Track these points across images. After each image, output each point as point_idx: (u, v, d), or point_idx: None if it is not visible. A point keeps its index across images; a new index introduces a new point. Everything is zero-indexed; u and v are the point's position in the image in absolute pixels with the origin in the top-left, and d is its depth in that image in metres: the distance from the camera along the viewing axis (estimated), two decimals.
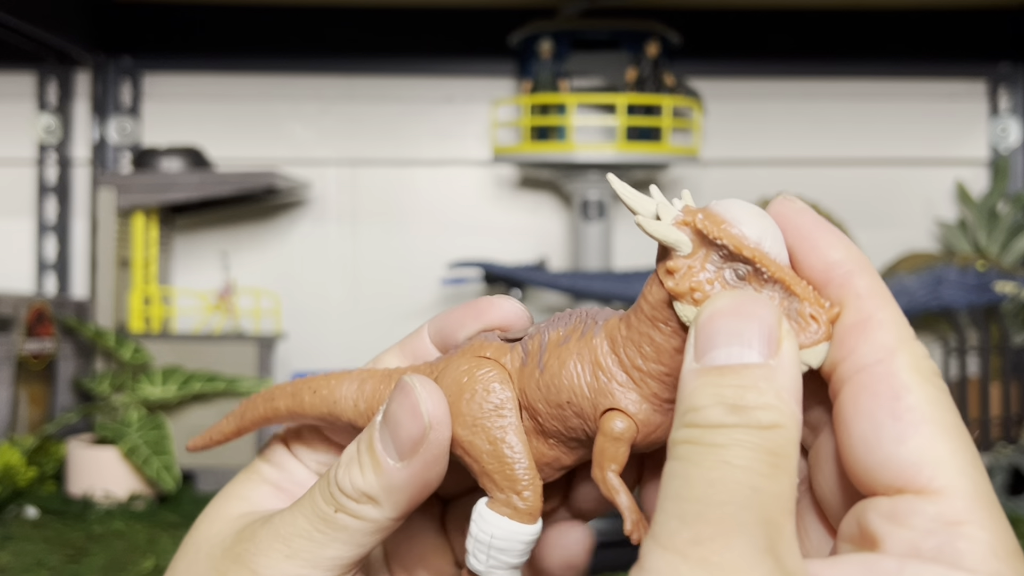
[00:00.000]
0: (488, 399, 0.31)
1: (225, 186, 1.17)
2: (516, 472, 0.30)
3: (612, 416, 0.29)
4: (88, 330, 1.10)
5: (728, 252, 0.27)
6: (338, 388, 0.34)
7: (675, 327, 0.28)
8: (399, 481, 0.31)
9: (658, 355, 0.29)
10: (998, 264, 1.21)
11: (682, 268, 0.27)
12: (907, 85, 1.38)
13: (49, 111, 1.32)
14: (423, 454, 0.30)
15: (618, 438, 0.29)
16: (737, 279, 0.27)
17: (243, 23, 1.33)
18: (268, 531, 0.32)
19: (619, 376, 0.29)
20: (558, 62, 1.24)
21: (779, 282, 0.27)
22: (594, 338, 0.30)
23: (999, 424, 1.12)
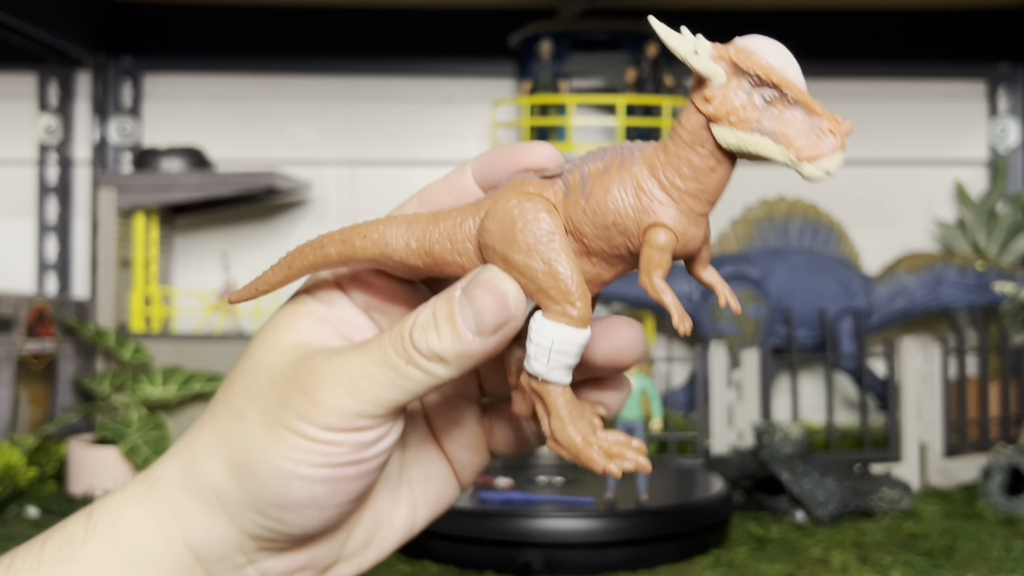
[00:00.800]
0: (539, 226, 0.35)
1: (225, 186, 1.17)
2: (569, 286, 0.34)
3: (656, 230, 0.34)
4: (89, 330, 1.10)
5: (758, 80, 0.32)
6: (387, 231, 0.38)
7: (711, 149, 0.33)
8: (473, 351, 0.36)
9: (695, 174, 0.34)
10: (997, 264, 1.21)
11: (718, 96, 0.32)
12: (906, 85, 1.38)
13: (50, 111, 1.32)
14: (501, 335, 0.36)
15: (663, 248, 0.33)
16: (765, 103, 0.32)
17: (243, 24, 1.33)
18: (332, 368, 0.36)
19: (660, 196, 0.34)
20: (558, 63, 1.24)
21: (801, 103, 0.33)
22: (634, 166, 0.34)
23: (998, 424, 1.12)
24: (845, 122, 0.33)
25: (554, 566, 0.78)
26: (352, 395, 0.36)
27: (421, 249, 0.37)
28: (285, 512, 0.38)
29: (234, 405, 0.38)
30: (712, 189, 0.34)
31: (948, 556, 0.82)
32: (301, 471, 0.37)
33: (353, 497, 0.38)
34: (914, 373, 1.05)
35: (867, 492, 0.94)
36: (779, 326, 1.23)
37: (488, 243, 0.36)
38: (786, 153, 0.33)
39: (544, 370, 0.35)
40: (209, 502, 0.38)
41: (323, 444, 0.36)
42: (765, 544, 0.85)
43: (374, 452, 0.37)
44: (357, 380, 0.36)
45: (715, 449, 1.07)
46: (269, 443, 0.37)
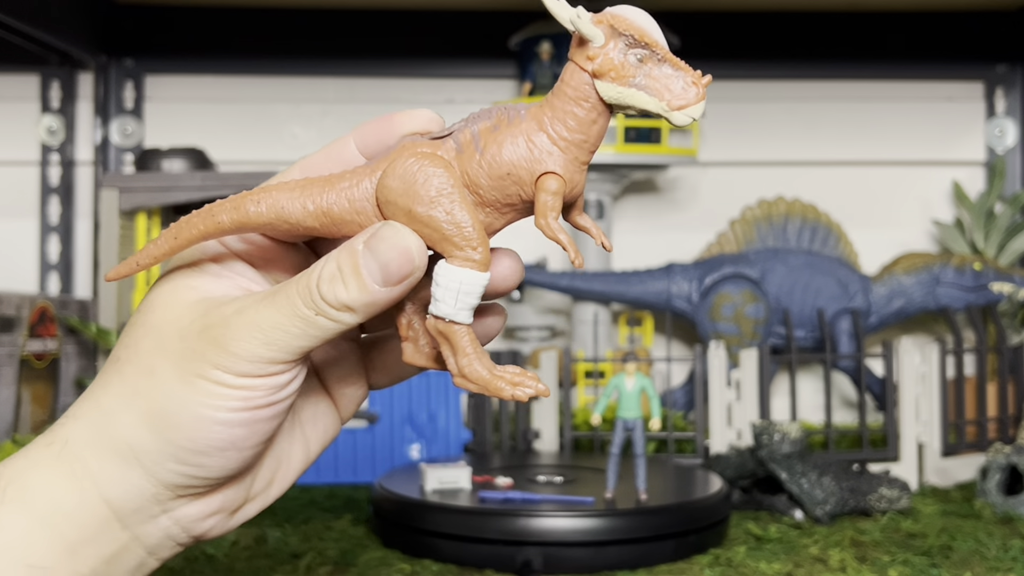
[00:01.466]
0: (439, 180, 0.38)
1: (227, 187, 1.18)
2: (472, 233, 0.38)
3: (548, 177, 0.38)
4: (91, 330, 1.10)
5: (633, 40, 0.37)
6: (280, 196, 0.40)
7: (594, 102, 0.38)
8: (379, 300, 0.39)
9: (580, 126, 0.38)
10: (995, 264, 1.22)
11: (600, 55, 0.37)
12: (905, 87, 1.39)
13: (52, 113, 1.33)
14: (405, 285, 0.39)
15: (556, 192, 0.38)
16: (638, 61, 0.37)
17: (245, 26, 1.34)
18: (245, 320, 0.39)
19: (549, 147, 0.38)
20: (558, 64, 1.24)
21: (668, 60, 0.37)
22: (523, 122, 0.38)
23: (996, 423, 1.13)
24: (705, 76, 0.37)
25: (554, 565, 0.78)
26: (265, 345, 0.39)
27: (318, 210, 0.40)
28: (205, 457, 0.40)
29: (142, 361, 0.40)
30: (594, 139, 0.38)
31: (946, 555, 0.82)
32: (221, 416, 0.39)
33: (267, 437, 0.41)
34: (912, 373, 1.06)
35: (865, 491, 0.94)
36: (778, 326, 1.23)
37: (390, 199, 0.39)
38: (659, 104, 0.37)
39: (452, 311, 0.38)
40: (124, 456, 0.40)
41: (240, 389, 0.39)
42: (764, 543, 0.86)
43: (286, 393, 0.40)
44: (269, 331, 0.39)
45: (714, 448, 1.07)
46: (187, 393, 0.39)
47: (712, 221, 1.32)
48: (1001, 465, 0.97)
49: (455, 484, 0.87)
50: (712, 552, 0.83)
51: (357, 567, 0.79)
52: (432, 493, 0.85)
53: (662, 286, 1.24)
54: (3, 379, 1.04)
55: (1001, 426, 1.12)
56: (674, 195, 1.38)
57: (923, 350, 1.07)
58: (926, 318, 1.33)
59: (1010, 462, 0.97)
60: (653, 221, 1.38)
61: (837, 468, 0.95)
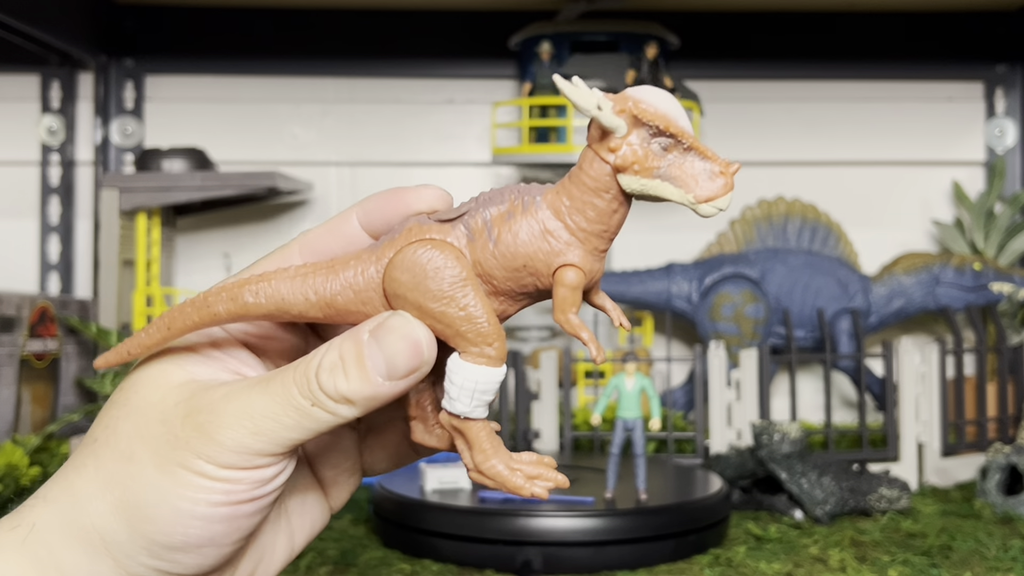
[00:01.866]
0: (451, 272, 0.36)
1: (227, 187, 1.18)
2: (487, 329, 0.36)
3: (566, 270, 0.36)
4: (91, 330, 1.10)
5: (657, 130, 0.35)
6: (280, 285, 0.38)
7: (615, 194, 0.36)
8: (382, 394, 0.36)
9: (599, 217, 0.36)
10: (995, 264, 1.22)
11: (623, 147, 0.35)
12: (905, 87, 1.39)
13: (52, 113, 1.33)
14: (411, 380, 0.37)
15: (575, 286, 0.36)
16: (662, 150, 0.35)
17: (245, 26, 1.34)
18: (233, 408, 0.36)
19: (567, 238, 0.36)
20: (558, 64, 1.24)
21: (693, 148, 0.35)
22: (538, 211, 0.36)
23: (995, 423, 1.13)
24: (733, 164, 0.36)
25: (553, 565, 0.78)
26: (254, 435, 0.36)
27: (322, 301, 0.38)
28: (180, 553, 0.37)
29: (119, 445, 0.37)
30: (614, 228, 0.37)
31: (946, 555, 0.82)
32: (200, 510, 0.36)
33: (247, 533, 0.38)
34: (912, 373, 1.06)
35: (865, 491, 0.94)
36: (778, 326, 1.23)
37: (398, 292, 0.37)
38: (684, 195, 0.35)
39: (467, 410, 0.37)
40: (94, 546, 0.37)
41: (223, 482, 0.36)
42: (763, 543, 0.86)
43: (271, 488, 0.38)
44: (259, 420, 0.36)
45: (714, 448, 1.08)
46: (164, 483, 0.36)
47: (712, 221, 1.32)
48: (1001, 465, 0.97)
49: (455, 484, 0.87)
50: (712, 552, 0.83)
51: (357, 567, 0.79)
52: (432, 493, 0.85)
53: (662, 286, 1.24)
54: (3, 379, 1.04)
55: (1001, 426, 1.12)
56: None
57: (923, 350, 1.07)
58: (926, 318, 1.33)
59: (1010, 462, 0.97)
60: (653, 221, 1.37)
61: (837, 468, 0.95)
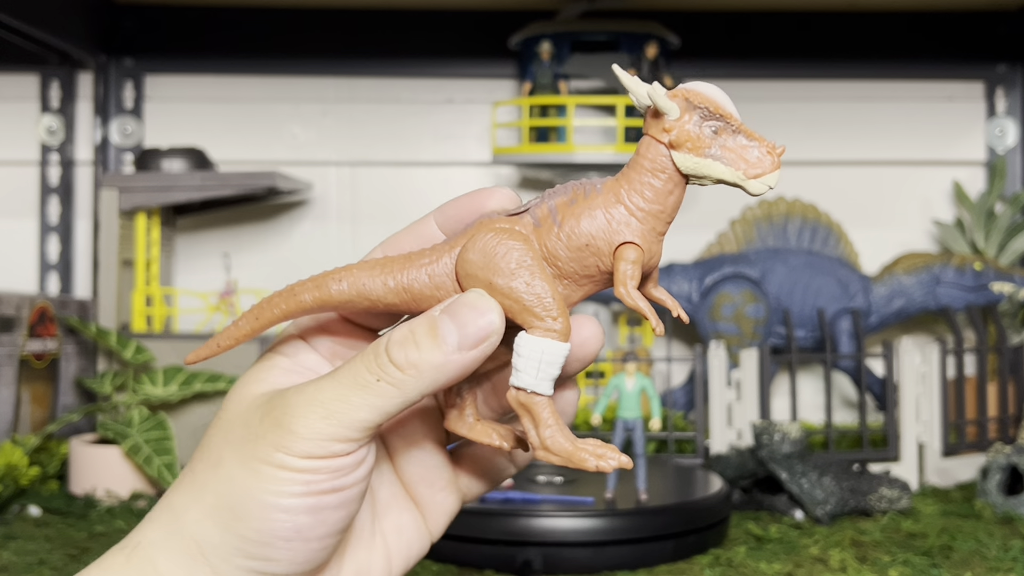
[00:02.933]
0: (519, 253, 0.39)
1: (227, 187, 1.18)
2: (552, 303, 0.38)
3: (627, 247, 0.38)
4: (90, 330, 1.10)
5: (708, 113, 0.38)
6: (361, 274, 0.40)
7: (671, 173, 0.38)
8: (452, 363, 0.38)
9: (656, 197, 0.38)
10: (995, 264, 1.22)
11: (676, 128, 0.38)
12: (905, 87, 1.39)
13: (52, 112, 1.33)
14: (480, 351, 0.38)
15: (635, 261, 0.38)
16: (713, 133, 0.38)
17: (244, 25, 1.34)
18: (305, 397, 0.38)
19: (627, 218, 0.38)
20: (558, 64, 1.24)
21: (742, 131, 0.38)
22: (599, 196, 0.39)
23: (996, 423, 1.12)
24: (779, 146, 0.38)
25: (554, 565, 0.78)
26: (325, 419, 0.37)
27: (399, 287, 0.40)
28: (269, 548, 0.38)
29: (211, 455, 0.40)
30: (670, 209, 0.39)
31: (946, 555, 0.82)
32: (284, 502, 0.37)
33: (335, 529, 0.39)
34: (912, 373, 1.06)
35: (865, 491, 0.94)
36: (778, 326, 1.23)
37: (471, 272, 0.39)
38: (735, 173, 0.38)
39: (533, 382, 0.38)
40: (192, 556, 0.39)
41: (302, 473, 0.37)
42: (764, 543, 0.86)
43: (354, 478, 0.39)
44: (329, 403, 0.38)
45: (714, 448, 1.07)
46: (249, 480, 0.38)
47: (712, 221, 1.32)
48: (1001, 465, 0.97)
49: None
50: (712, 552, 0.83)
51: None
52: None
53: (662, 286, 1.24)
54: (3, 379, 1.04)
55: (1001, 426, 1.12)
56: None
57: (923, 350, 1.07)
58: (926, 318, 1.32)
59: (1010, 462, 0.97)
60: None
61: (837, 468, 0.95)
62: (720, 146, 0.38)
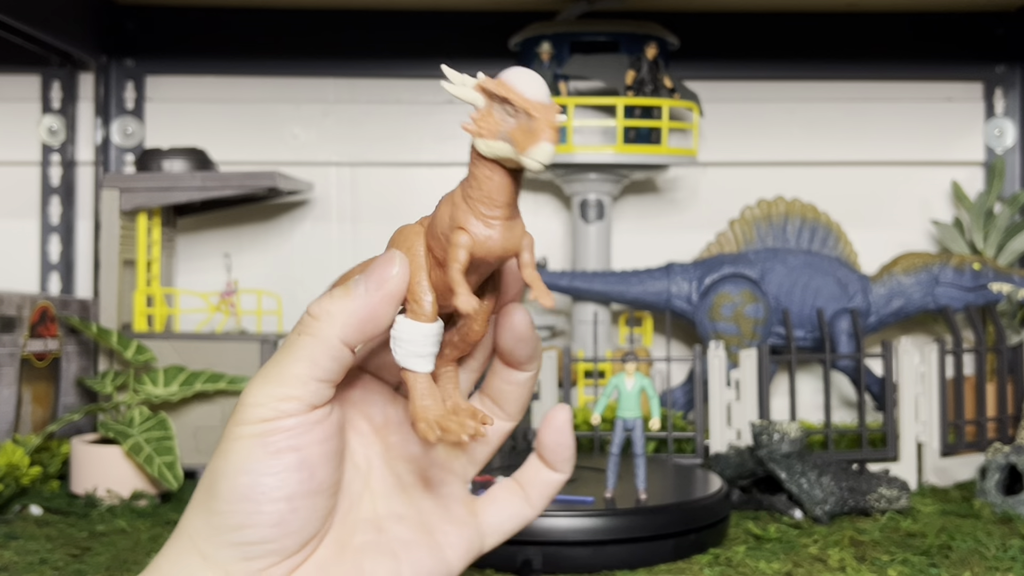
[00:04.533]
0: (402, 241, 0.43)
1: (227, 187, 1.18)
2: (416, 288, 0.42)
3: (455, 232, 0.41)
4: (91, 330, 1.10)
5: (500, 99, 0.40)
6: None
7: (480, 160, 0.41)
8: (360, 305, 0.41)
9: (479, 184, 0.41)
10: (994, 264, 1.22)
11: (477, 116, 0.41)
12: (904, 87, 1.39)
13: (53, 113, 1.33)
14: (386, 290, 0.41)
15: (460, 245, 0.40)
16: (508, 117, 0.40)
17: (245, 26, 1.34)
18: (255, 375, 0.42)
19: (462, 207, 0.41)
20: (558, 64, 1.24)
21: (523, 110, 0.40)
22: (453, 192, 0.42)
23: (995, 423, 1.13)
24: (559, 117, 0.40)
25: (553, 564, 0.79)
26: (266, 382, 0.41)
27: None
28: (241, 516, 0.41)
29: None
30: (494, 193, 0.40)
31: (945, 554, 0.82)
32: (246, 466, 0.40)
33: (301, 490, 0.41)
34: (911, 373, 1.06)
35: (864, 491, 0.94)
36: (777, 326, 1.24)
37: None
38: (514, 151, 0.39)
39: (403, 357, 0.42)
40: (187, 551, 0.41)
41: (259, 437, 0.41)
42: (763, 543, 0.86)
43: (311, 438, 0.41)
44: (268, 370, 0.42)
45: (713, 448, 1.08)
46: (218, 460, 0.41)
47: (712, 221, 1.33)
48: (1000, 465, 0.97)
49: None
50: (712, 552, 0.83)
51: None
52: None
53: (662, 286, 1.24)
54: (4, 379, 1.04)
55: (1000, 426, 1.12)
56: (674, 195, 1.39)
57: (922, 350, 1.07)
58: (925, 318, 1.33)
59: (1009, 462, 0.97)
60: (653, 221, 1.38)
61: (836, 468, 0.95)
62: (510, 128, 0.40)
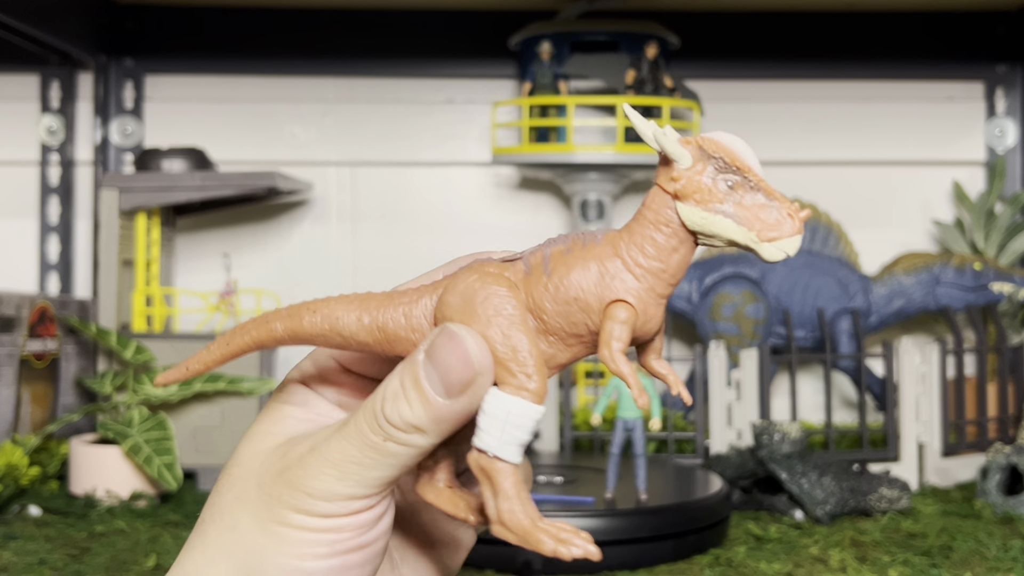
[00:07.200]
0: (499, 300, 0.35)
1: (227, 187, 1.18)
2: (527, 359, 0.35)
3: (617, 305, 0.34)
4: (90, 330, 1.10)
5: (723, 164, 0.34)
6: (338, 307, 0.37)
7: (675, 228, 0.35)
8: (446, 415, 0.35)
9: (658, 253, 0.35)
10: (995, 264, 1.22)
11: (685, 177, 0.34)
12: (905, 87, 1.39)
13: (52, 113, 1.33)
14: (470, 395, 0.35)
15: (624, 321, 0.34)
16: (728, 188, 0.34)
17: (244, 25, 1.34)
18: (317, 457, 0.36)
19: (622, 274, 0.35)
20: (558, 64, 1.24)
21: (762, 189, 0.34)
22: (597, 246, 0.35)
23: (996, 423, 1.13)
24: (803, 209, 0.34)
25: (554, 565, 0.78)
26: (340, 480, 0.36)
27: (374, 325, 0.37)
28: None
29: (224, 518, 0.38)
30: (673, 269, 0.35)
31: (946, 555, 0.82)
32: (307, 565, 0.36)
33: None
34: (912, 373, 1.06)
35: (865, 491, 0.94)
36: (778, 326, 1.23)
37: (446, 315, 0.36)
38: (747, 234, 0.34)
39: (496, 444, 0.34)
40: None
41: (325, 533, 0.36)
42: (764, 543, 0.86)
43: (377, 533, 0.37)
44: (342, 464, 0.36)
45: (714, 448, 1.07)
46: (269, 544, 0.36)
47: None
48: (1001, 465, 0.97)
49: None
50: (712, 552, 0.83)
51: None
52: None
53: None
54: (3, 379, 1.04)
55: (1001, 426, 1.12)
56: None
57: (923, 350, 1.07)
58: (926, 318, 1.32)
59: (1010, 462, 0.97)
60: None
61: (837, 468, 0.95)
62: (734, 203, 0.34)
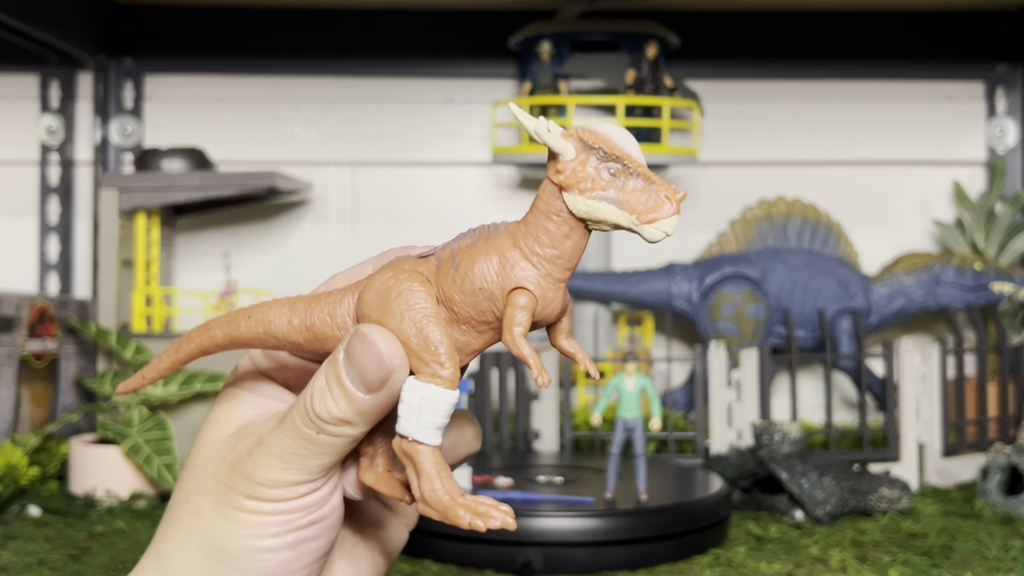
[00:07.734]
0: (411, 295, 0.38)
1: (226, 187, 1.18)
2: (439, 348, 0.37)
3: (517, 292, 0.37)
4: (90, 330, 1.10)
5: (604, 154, 0.36)
6: (271, 311, 0.41)
7: (564, 217, 0.37)
8: (369, 407, 0.38)
9: (551, 241, 0.37)
10: (995, 264, 1.22)
11: (569, 168, 0.36)
12: (905, 87, 1.38)
13: (51, 112, 1.33)
14: (388, 389, 0.38)
15: (524, 307, 0.37)
16: (611, 175, 0.36)
17: (244, 25, 1.34)
18: (263, 451, 0.40)
19: (521, 262, 0.37)
20: (558, 64, 1.24)
21: (641, 175, 0.36)
22: (498, 238, 0.38)
23: (996, 424, 1.12)
24: (680, 191, 0.36)
25: (554, 565, 0.78)
26: (285, 470, 0.39)
27: (303, 325, 0.40)
28: None
29: (188, 504, 0.41)
30: (567, 254, 0.37)
31: (946, 555, 0.82)
32: (265, 543, 0.40)
33: (318, 555, 0.41)
34: (913, 373, 1.06)
35: (866, 491, 0.94)
36: (778, 326, 1.23)
37: (365, 312, 0.39)
38: (629, 217, 0.36)
39: (414, 429, 0.37)
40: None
41: (277, 515, 0.40)
42: (764, 543, 0.86)
43: (327, 510, 0.41)
44: (284, 456, 0.39)
45: (714, 449, 1.07)
46: (228, 528, 0.40)
47: (712, 221, 1.32)
48: (1002, 465, 0.97)
49: None
50: (712, 552, 0.83)
51: None
52: None
53: (662, 286, 1.24)
54: (3, 379, 1.04)
55: (1002, 426, 1.12)
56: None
57: (923, 350, 1.07)
58: (926, 318, 1.32)
59: (1011, 462, 0.97)
60: None
61: (837, 468, 0.95)
62: (616, 189, 0.36)
